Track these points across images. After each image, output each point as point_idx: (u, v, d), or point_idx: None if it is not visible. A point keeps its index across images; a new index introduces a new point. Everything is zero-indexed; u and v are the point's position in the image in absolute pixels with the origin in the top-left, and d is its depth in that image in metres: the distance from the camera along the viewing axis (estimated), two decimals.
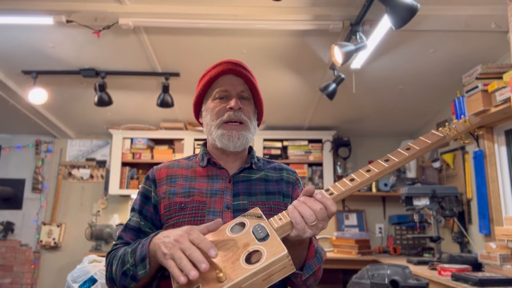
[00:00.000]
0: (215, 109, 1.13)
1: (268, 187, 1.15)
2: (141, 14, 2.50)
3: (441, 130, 1.01)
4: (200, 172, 1.16)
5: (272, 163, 1.26)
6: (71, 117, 4.28)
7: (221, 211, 1.06)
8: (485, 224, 3.02)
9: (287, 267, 0.78)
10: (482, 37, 2.66)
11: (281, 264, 0.77)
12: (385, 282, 2.23)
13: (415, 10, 1.97)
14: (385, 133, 4.58)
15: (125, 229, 1.13)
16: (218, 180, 1.13)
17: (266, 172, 1.19)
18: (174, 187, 1.12)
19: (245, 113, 1.13)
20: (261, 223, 0.86)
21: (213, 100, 1.15)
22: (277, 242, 0.79)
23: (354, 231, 4.35)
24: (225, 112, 1.11)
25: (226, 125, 1.11)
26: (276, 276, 0.77)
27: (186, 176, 1.14)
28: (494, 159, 3.03)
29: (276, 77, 3.32)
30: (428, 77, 3.26)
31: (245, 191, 1.11)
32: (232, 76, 1.15)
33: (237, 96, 1.13)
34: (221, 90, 1.13)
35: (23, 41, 2.84)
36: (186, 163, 1.21)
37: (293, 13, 2.50)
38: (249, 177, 1.16)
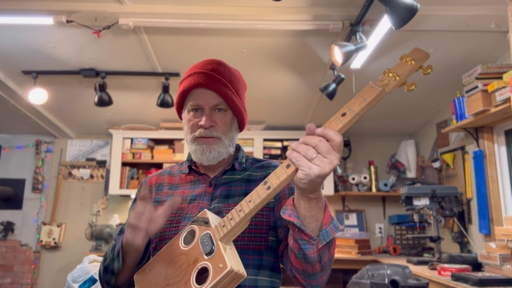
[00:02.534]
0: (189, 123, 1.13)
1: (250, 187, 1.08)
2: (141, 14, 2.50)
3: (379, 81, 0.89)
4: (185, 179, 1.18)
5: (261, 161, 1.22)
6: (71, 117, 4.28)
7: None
8: (485, 224, 3.02)
9: (236, 278, 0.80)
10: (482, 37, 2.66)
11: (229, 278, 0.78)
12: (385, 282, 2.23)
13: (415, 10, 1.97)
14: (385, 133, 4.58)
15: (120, 233, 1.14)
16: (199, 185, 1.14)
17: (250, 171, 1.16)
18: (160, 195, 1.16)
19: (219, 128, 1.11)
20: (208, 231, 0.88)
21: (188, 111, 1.14)
22: (220, 256, 0.80)
23: (354, 231, 4.35)
24: (197, 128, 1.11)
25: (199, 140, 1.11)
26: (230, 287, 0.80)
27: (172, 184, 1.18)
28: (494, 159, 3.03)
29: (276, 77, 3.32)
30: (428, 77, 3.25)
31: (223, 194, 1.10)
32: (204, 90, 1.11)
33: (210, 110, 1.10)
34: (193, 104, 1.11)
35: (23, 41, 2.84)
36: (177, 169, 1.24)
37: (293, 13, 2.50)
38: (231, 179, 1.14)
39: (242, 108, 1.16)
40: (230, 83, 1.13)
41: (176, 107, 1.20)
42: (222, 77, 1.12)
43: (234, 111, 1.14)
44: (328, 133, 0.78)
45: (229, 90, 1.12)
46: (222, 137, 1.11)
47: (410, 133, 4.60)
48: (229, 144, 1.13)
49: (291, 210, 0.85)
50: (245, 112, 1.18)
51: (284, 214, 0.86)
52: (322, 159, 0.76)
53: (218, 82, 1.11)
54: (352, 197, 4.55)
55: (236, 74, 1.18)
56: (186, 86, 1.12)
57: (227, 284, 0.79)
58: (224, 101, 1.11)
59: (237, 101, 1.13)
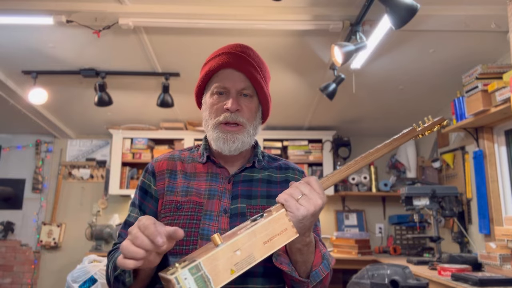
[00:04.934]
0: (213, 107, 1.04)
1: (271, 189, 1.06)
2: (141, 14, 2.50)
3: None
4: (200, 169, 1.08)
5: (278, 160, 1.17)
6: (71, 117, 4.28)
7: (218, 215, 1.00)
8: (485, 224, 3.02)
9: (289, 230, 0.75)
10: (482, 37, 2.66)
11: (280, 223, 0.74)
12: (385, 282, 2.23)
13: (415, 10, 1.97)
14: (385, 133, 4.57)
15: (125, 226, 1.05)
16: (217, 179, 1.05)
17: (269, 172, 1.10)
18: (173, 183, 1.05)
19: (244, 113, 1.03)
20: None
21: (211, 94, 1.05)
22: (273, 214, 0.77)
23: (354, 231, 4.35)
24: (222, 112, 1.02)
25: (222, 127, 1.03)
26: (278, 240, 0.73)
27: (186, 172, 1.07)
28: (494, 159, 3.03)
29: (276, 77, 3.32)
30: (428, 77, 3.26)
31: (245, 194, 1.04)
32: (233, 71, 1.03)
33: (236, 94, 1.03)
34: (219, 86, 1.03)
35: (23, 41, 2.84)
36: (187, 155, 1.12)
37: (293, 13, 2.50)
38: (251, 177, 1.07)
39: (268, 96, 1.09)
40: (259, 67, 1.06)
41: (197, 91, 1.11)
42: (252, 60, 1.05)
43: (261, 98, 1.08)
44: (305, 179, 0.84)
45: (258, 74, 1.05)
46: (247, 125, 1.04)
47: None
48: (253, 133, 1.07)
49: (283, 258, 0.89)
50: (270, 101, 1.11)
51: (276, 261, 0.88)
52: (307, 199, 0.80)
53: (247, 63, 1.03)
54: (352, 197, 4.55)
55: (263, 60, 1.12)
56: (212, 66, 1.04)
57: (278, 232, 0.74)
58: (251, 85, 1.04)
59: (265, 88, 1.07)
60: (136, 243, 0.73)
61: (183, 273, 0.65)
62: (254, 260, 0.70)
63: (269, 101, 1.10)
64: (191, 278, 0.65)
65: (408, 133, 0.91)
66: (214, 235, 0.70)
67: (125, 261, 0.74)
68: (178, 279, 0.64)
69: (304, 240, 0.85)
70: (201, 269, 0.65)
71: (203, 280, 0.65)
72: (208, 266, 0.66)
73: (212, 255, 0.67)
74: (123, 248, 0.74)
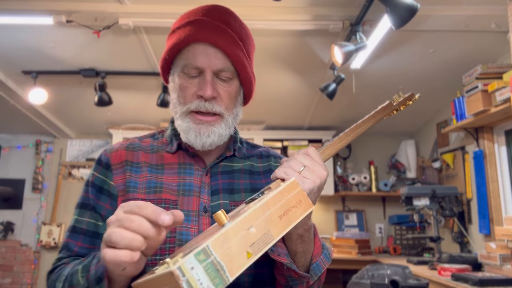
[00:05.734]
0: (183, 90, 0.84)
1: (255, 181, 0.90)
2: (141, 14, 2.50)
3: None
4: (168, 159, 0.88)
5: (257, 147, 1.00)
6: (71, 117, 4.28)
7: (197, 215, 0.82)
8: (485, 224, 3.02)
9: (304, 201, 0.63)
10: (482, 37, 2.66)
11: (294, 193, 0.62)
12: (385, 282, 2.23)
13: (415, 10, 1.97)
14: (385, 133, 4.58)
15: (73, 235, 0.82)
16: (191, 171, 0.87)
17: (251, 161, 0.94)
18: (136, 178, 0.84)
19: (222, 101, 0.84)
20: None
21: (180, 75, 0.85)
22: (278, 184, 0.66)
23: (354, 231, 4.35)
24: (194, 99, 0.83)
25: (194, 117, 0.83)
26: (295, 213, 0.61)
27: (151, 164, 0.87)
28: (494, 159, 3.03)
29: (276, 77, 3.32)
30: (428, 77, 3.26)
31: (226, 187, 0.87)
32: (207, 46, 0.82)
33: (212, 76, 0.83)
34: (190, 65, 0.83)
35: (23, 41, 2.84)
36: (150, 144, 0.92)
37: (293, 13, 2.50)
38: (231, 168, 0.90)
39: (252, 76, 0.90)
40: (241, 40, 0.86)
41: (162, 66, 0.90)
42: (233, 31, 0.84)
43: (243, 80, 0.88)
44: (303, 150, 0.73)
45: (241, 50, 0.85)
46: (225, 114, 0.85)
47: (410, 133, 4.60)
48: (232, 123, 0.88)
49: (281, 249, 0.75)
50: (254, 81, 0.92)
51: (272, 253, 0.74)
52: (310, 171, 0.69)
53: (227, 37, 0.83)
54: (352, 197, 4.55)
55: (247, 29, 0.91)
56: (181, 37, 0.83)
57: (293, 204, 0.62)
58: (232, 65, 0.84)
59: (248, 67, 0.87)
60: (132, 227, 0.55)
61: (188, 260, 0.47)
62: (272, 239, 0.56)
63: (253, 82, 0.91)
64: (199, 266, 0.48)
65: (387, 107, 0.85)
66: (218, 212, 0.56)
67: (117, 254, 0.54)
68: (182, 269, 0.47)
69: (307, 222, 0.73)
70: (210, 254, 0.49)
71: (215, 269, 0.49)
72: (218, 250, 0.50)
73: (221, 234, 0.51)
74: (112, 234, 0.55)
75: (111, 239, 0.55)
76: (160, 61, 0.91)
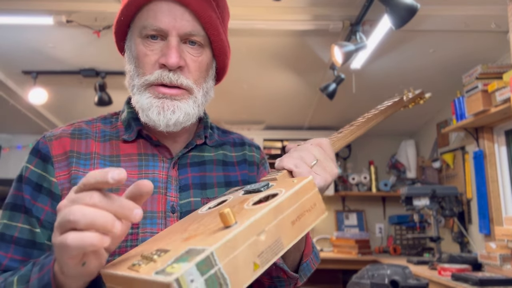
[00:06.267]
0: (141, 58, 0.69)
1: (229, 173, 0.78)
2: None
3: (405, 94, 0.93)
4: (126, 149, 0.73)
5: (229, 134, 0.88)
6: (71, 117, 4.28)
7: (163, 217, 0.69)
8: (485, 224, 3.02)
9: (318, 205, 0.54)
10: (482, 37, 2.66)
11: (310, 195, 0.53)
12: (385, 282, 2.23)
13: (415, 10, 1.97)
14: (385, 133, 4.58)
15: (1, 244, 0.65)
16: (155, 163, 0.73)
17: (223, 149, 0.82)
18: (85, 172, 0.68)
19: (190, 72, 0.70)
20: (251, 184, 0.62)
21: (140, 37, 0.70)
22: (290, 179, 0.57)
23: (354, 231, 4.35)
24: (155, 69, 0.68)
25: (155, 89, 0.68)
26: (307, 218, 0.52)
27: (104, 156, 0.71)
28: (494, 159, 3.03)
29: (276, 77, 3.32)
30: (428, 77, 3.26)
31: (197, 182, 0.74)
32: (173, 4, 0.67)
33: (178, 41, 0.68)
34: (151, 28, 0.67)
35: (23, 41, 2.84)
36: (101, 129, 0.76)
37: (293, 13, 2.50)
38: (202, 158, 0.77)
39: (227, 46, 0.77)
40: (216, 4, 0.73)
41: (116, 31, 0.76)
42: None
43: (216, 49, 0.74)
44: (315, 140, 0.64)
45: (214, 13, 0.71)
46: (194, 89, 0.70)
47: (410, 133, 4.60)
48: (202, 101, 0.73)
49: None
50: (229, 53, 0.79)
51: None
52: (322, 166, 0.60)
53: None
54: (352, 197, 4.55)
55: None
56: None
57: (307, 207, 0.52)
58: (203, 30, 0.70)
59: (223, 34, 0.74)
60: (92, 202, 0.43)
61: (188, 271, 0.39)
62: (282, 248, 0.48)
63: (227, 53, 0.77)
64: (200, 279, 0.39)
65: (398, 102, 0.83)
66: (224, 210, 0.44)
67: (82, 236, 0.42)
68: (181, 281, 0.38)
69: None
70: (214, 264, 0.40)
71: (218, 282, 0.40)
72: (224, 259, 0.41)
73: (229, 240, 0.42)
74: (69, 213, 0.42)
75: (69, 218, 0.42)
76: (114, 25, 0.75)
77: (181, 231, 0.54)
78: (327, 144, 0.63)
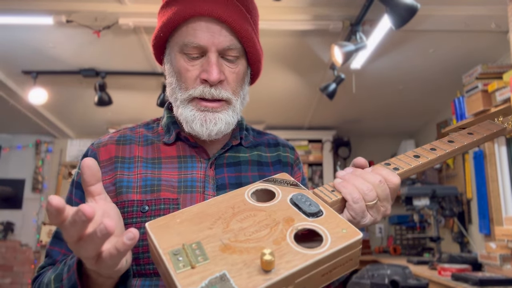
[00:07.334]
0: (183, 74, 0.73)
1: (264, 173, 0.80)
2: (141, 14, 2.50)
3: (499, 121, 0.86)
4: (166, 152, 0.78)
5: (264, 135, 0.91)
6: (71, 117, 4.28)
7: None
8: (485, 224, 3.02)
9: (353, 260, 0.53)
10: (482, 37, 2.66)
11: (352, 252, 0.52)
12: (385, 282, 2.23)
13: (415, 10, 1.97)
14: (385, 133, 4.58)
15: (56, 241, 0.74)
16: (194, 164, 0.77)
17: (258, 150, 0.84)
18: (129, 176, 0.74)
19: (229, 84, 0.74)
20: (302, 192, 0.60)
21: (180, 53, 0.73)
22: (340, 220, 0.55)
23: None
24: (197, 84, 0.72)
25: (198, 103, 0.73)
26: (338, 272, 0.53)
27: (146, 158, 0.77)
28: (494, 159, 3.03)
29: (276, 77, 3.32)
30: (428, 77, 3.26)
31: (233, 182, 0.77)
32: (210, 22, 0.70)
33: (217, 57, 0.72)
34: (192, 45, 0.71)
35: (23, 41, 2.84)
36: (144, 134, 0.81)
37: (293, 13, 2.50)
38: (237, 159, 0.80)
39: (260, 53, 0.79)
40: (249, 13, 0.75)
41: (154, 45, 0.78)
42: (239, 1, 0.73)
43: (251, 58, 0.77)
44: (386, 173, 0.62)
45: (249, 25, 0.73)
46: (233, 99, 0.75)
47: (410, 133, 4.60)
48: (239, 108, 0.78)
49: None
50: (262, 58, 0.81)
51: None
52: (378, 207, 0.60)
53: (233, 10, 0.71)
54: None
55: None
56: (178, 10, 0.71)
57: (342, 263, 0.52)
58: (239, 42, 0.73)
59: (257, 43, 0.77)
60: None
61: None
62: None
63: (261, 59, 0.80)
64: None
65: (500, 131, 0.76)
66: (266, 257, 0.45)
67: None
68: None
69: None
70: None
71: None
72: None
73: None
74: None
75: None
76: (152, 39, 0.78)
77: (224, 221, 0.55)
78: (396, 185, 0.62)
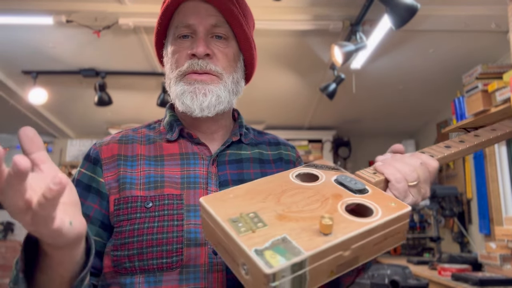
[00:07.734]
0: (175, 55, 0.78)
1: (265, 170, 0.82)
2: (141, 14, 2.50)
3: None
4: (169, 149, 0.79)
5: (265, 134, 0.94)
6: (71, 117, 4.28)
7: None
8: (485, 224, 3.02)
9: (401, 233, 0.56)
10: (482, 37, 2.66)
11: (401, 225, 0.55)
12: (385, 282, 2.23)
13: (415, 10, 1.97)
14: (385, 133, 4.58)
15: None
16: (196, 161, 0.78)
17: (259, 148, 0.87)
18: (132, 172, 0.75)
19: (218, 60, 0.77)
20: (344, 174, 0.63)
21: (173, 40, 0.79)
22: (386, 195, 0.57)
23: None
24: (186, 60, 0.76)
25: (188, 77, 0.76)
26: (387, 243, 0.55)
27: (149, 156, 0.78)
28: (494, 159, 3.03)
29: (276, 77, 3.32)
30: (428, 77, 3.26)
31: (236, 178, 0.79)
32: (198, 3, 0.77)
33: (205, 33, 0.77)
34: (181, 25, 0.77)
35: (23, 41, 2.84)
36: (146, 134, 0.84)
37: (293, 13, 2.50)
38: (239, 156, 0.82)
39: (251, 40, 0.83)
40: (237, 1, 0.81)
41: (156, 40, 0.85)
42: None
43: (241, 42, 0.81)
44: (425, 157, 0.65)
45: (235, 6, 0.78)
46: (224, 75, 0.77)
47: (410, 133, 4.60)
48: (232, 89, 0.79)
49: None
50: (254, 51, 0.85)
51: None
52: (419, 189, 0.63)
53: None
54: None
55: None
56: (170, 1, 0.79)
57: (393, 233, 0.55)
58: (226, 21, 0.78)
59: (245, 27, 0.80)
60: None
61: (284, 268, 0.44)
62: (357, 263, 0.52)
63: (253, 48, 0.84)
64: (288, 277, 0.45)
65: None
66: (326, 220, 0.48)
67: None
68: (276, 275, 0.44)
69: None
70: (304, 267, 0.46)
71: (299, 281, 0.46)
72: (312, 264, 0.47)
73: (322, 251, 0.47)
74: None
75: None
76: (154, 35, 0.84)
77: (275, 196, 0.57)
78: (435, 169, 0.65)
